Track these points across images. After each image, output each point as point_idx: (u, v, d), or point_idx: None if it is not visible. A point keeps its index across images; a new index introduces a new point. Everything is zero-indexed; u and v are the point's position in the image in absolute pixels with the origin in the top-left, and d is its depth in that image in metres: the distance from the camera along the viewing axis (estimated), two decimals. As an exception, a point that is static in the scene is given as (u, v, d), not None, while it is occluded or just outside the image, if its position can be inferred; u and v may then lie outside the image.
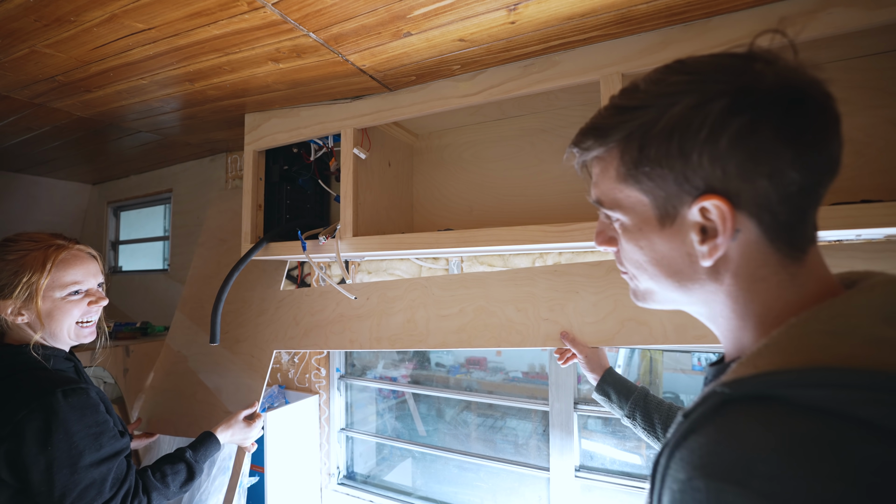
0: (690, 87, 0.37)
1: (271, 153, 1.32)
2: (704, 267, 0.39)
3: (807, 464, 0.28)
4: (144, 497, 0.90)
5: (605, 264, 1.01)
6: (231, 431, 1.16)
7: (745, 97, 0.35)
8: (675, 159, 0.37)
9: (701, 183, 0.37)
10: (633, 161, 0.40)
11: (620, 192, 0.42)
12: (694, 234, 0.38)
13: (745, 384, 0.34)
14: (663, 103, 0.38)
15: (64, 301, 0.91)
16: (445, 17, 0.80)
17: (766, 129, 0.34)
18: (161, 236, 2.25)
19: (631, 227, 0.43)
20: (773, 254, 0.38)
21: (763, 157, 0.35)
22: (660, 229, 0.41)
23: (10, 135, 1.56)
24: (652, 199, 0.40)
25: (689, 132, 0.36)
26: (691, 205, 0.37)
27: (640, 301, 0.48)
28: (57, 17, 0.83)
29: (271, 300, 1.45)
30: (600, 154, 0.43)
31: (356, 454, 1.73)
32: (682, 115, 0.36)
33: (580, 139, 0.44)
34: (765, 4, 0.73)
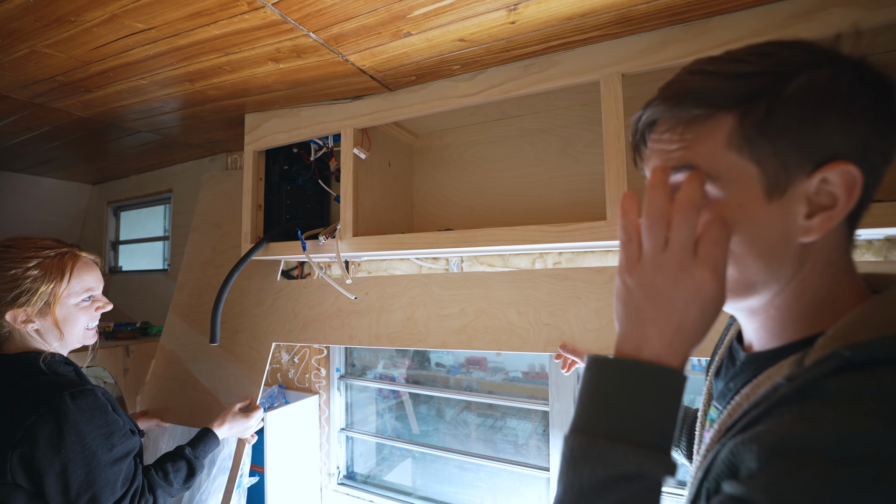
0: (816, 59, 0.36)
1: (271, 153, 1.32)
2: (796, 246, 0.38)
3: None
4: (150, 495, 0.91)
5: (607, 270, 1.01)
6: (229, 425, 1.17)
7: (866, 75, 0.36)
8: (806, 126, 0.35)
9: (828, 152, 0.35)
10: (758, 125, 0.37)
11: (727, 161, 0.38)
12: (800, 208, 0.37)
13: (867, 348, 0.32)
14: (786, 71, 0.36)
15: (77, 308, 0.94)
16: (445, 17, 0.80)
17: (886, 106, 0.36)
18: (161, 236, 2.25)
19: (728, 201, 0.38)
20: (845, 237, 0.39)
21: (880, 130, 0.36)
22: (766, 203, 0.37)
23: (10, 135, 1.56)
24: (764, 169, 0.37)
25: (824, 99, 0.35)
26: (812, 174, 0.36)
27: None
28: (57, 18, 0.83)
29: (268, 291, 1.45)
30: (703, 115, 0.39)
31: (356, 454, 1.73)
32: (814, 83, 0.35)
33: (677, 99, 0.40)
34: (765, 5, 0.73)
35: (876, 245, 0.91)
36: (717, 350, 0.58)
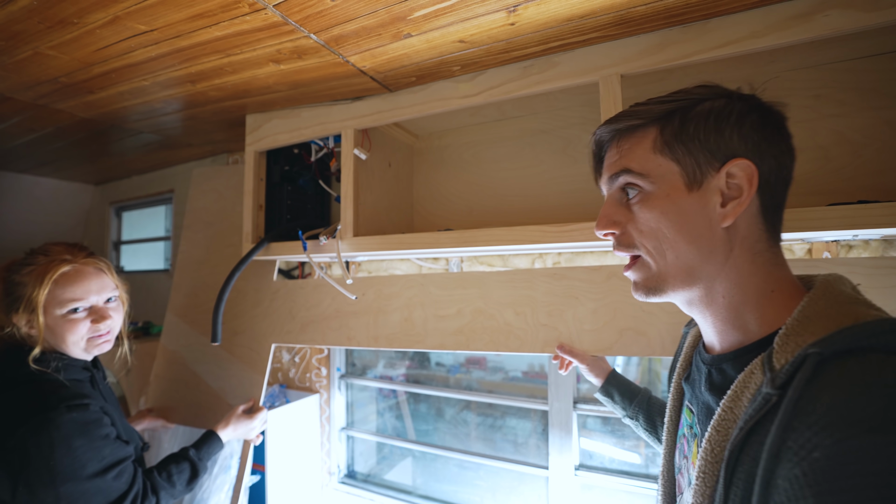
0: (715, 94, 0.49)
1: (272, 154, 1.33)
2: (720, 232, 0.46)
3: None
4: (153, 497, 0.91)
5: (605, 269, 1.01)
6: (232, 427, 1.17)
7: (756, 104, 0.48)
8: (710, 132, 0.47)
9: (729, 152, 0.46)
10: (674, 132, 0.48)
11: (653, 161, 0.49)
12: (716, 198, 0.46)
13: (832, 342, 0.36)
14: (696, 98, 0.49)
15: (64, 319, 0.90)
16: (445, 18, 0.80)
17: (773, 124, 0.47)
18: (163, 236, 2.26)
19: (657, 193, 0.48)
20: (766, 231, 0.47)
21: (774, 140, 0.47)
22: (687, 193, 0.47)
23: (13, 136, 1.57)
24: (683, 166, 0.47)
25: (722, 115, 0.47)
26: (719, 170, 0.46)
27: (650, 290, 0.50)
28: (60, 20, 0.84)
29: (265, 291, 1.45)
30: (637, 126, 0.50)
31: (357, 453, 1.74)
32: (715, 105, 0.47)
33: (617, 119, 0.52)
34: (763, 6, 0.74)
35: (873, 245, 0.92)
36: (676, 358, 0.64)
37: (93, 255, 0.98)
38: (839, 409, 0.32)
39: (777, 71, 0.92)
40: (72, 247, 0.96)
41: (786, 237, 0.77)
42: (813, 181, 0.87)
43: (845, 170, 0.85)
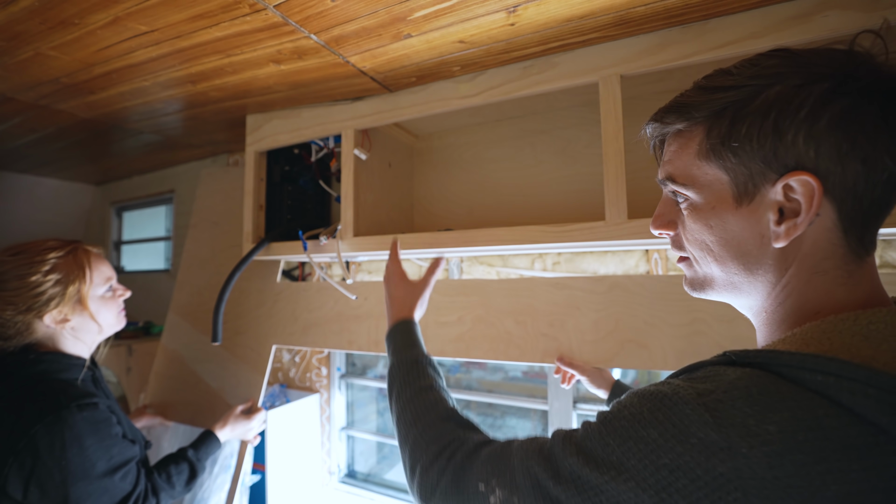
0: (792, 70, 0.38)
1: (272, 154, 1.33)
2: (774, 250, 0.40)
3: (759, 406, 0.31)
4: (154, 498, 0.92)
5: (608, 279, 1.00)
6: (230, 427, 1.18)
7: (850, 82, 0.36)
8: (768, 136, 0.37)
9: (791, 161, 0.37)
10: (722, 136, 0.40)
11: (698, 169, 0.42)
12: (771, 214, 0.39)
13: (749, 355, 0.36)
14: (761, 83, 0.38)
15: (103, 299, 0.97)
16: (445, 19, 0.81)
17: (867, 114, 0.35)
18: (163, 236, 2.26)
19: (703, 205, 0.42)
20: (842, 246, 0.38)
21: (862, 139, 0.35)
22: (735, 208, 0.41)
23: (14, 136, 1.58)
24: (732, 176, 0.40)
25: (788, 110, 0.36)
26: (775, 183, 0.38)
27: (696, 289, 0.47)
28: (61, 20, 0.84)
29: (269, 292, 1.45)
30: (682, 129, 0.43)
31: (357, 453, 1.74)
32: (782, 94, 0.37)
33: (661, 115, 0.45)
34: (762, 7, 0.74)
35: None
36: None
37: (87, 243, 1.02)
38: (686, 375, 0.38)
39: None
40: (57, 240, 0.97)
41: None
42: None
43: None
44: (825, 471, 0.28)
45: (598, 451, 0.36)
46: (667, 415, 0.34)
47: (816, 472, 0.28)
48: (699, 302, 0.89)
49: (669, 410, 0.34)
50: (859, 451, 0.28)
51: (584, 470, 0.36)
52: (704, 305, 0.90)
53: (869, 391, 0.29)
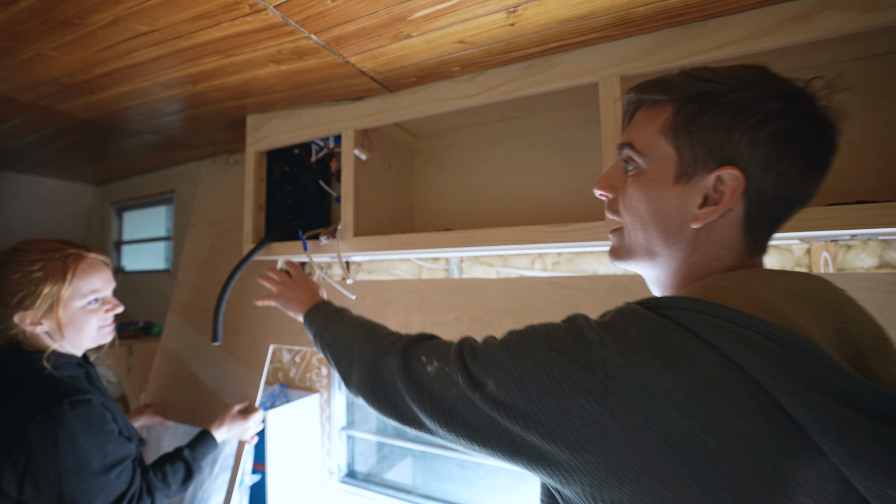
0: (761, 82, 0.44)
1: (273, 154, 1.33)
2: (690, 230, 0.46)
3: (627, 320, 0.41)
4: (149, 498, 0.92)
5: (608, 279, 1.00)
6: (227, 427, 1.17)
7: (796, 110, 0.43)
8: (721, 130, 0.43)
9: (729, 157, 0.43)
10: (685, 119, 0.45)
11: (656, 142, 0.47)
12: (697, 198, 0.45)
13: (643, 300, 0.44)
14: (733, 85, 0.44)
15: (83, 311, 0.93)
16: (445, 19, 0.81)
17: (798, 140, 0.42)
18: (164, 236, 2.27)
19: (647, 174, 0.48)
20: (740, 242, 0.46)
21: (785, 158, 0.42)
22: (672, 185, 0.47)
23: (15, 136, 1.58)
24: (680, 156, 0.46)
25: (745, 113, 0.42)
26: (711, 171, 0.44)
27: (619, 257, 0.54)
28: (62, 21, 0.84)
29: (267, 291, 1.45)
30: (657, 101, 0.48)
31: (357, 452, 1.74)
32: (745, 98, 0.43)
33: (645, 85, 0.50)
34: (762, 7, 0.74)
35: (871, 245, 0.92)
36: None
37: (92, 250, 1.00)
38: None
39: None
40: (64, 242, 0.96)
41: (784, 237, 0.78)
42: (812, 181, 0.87)
43: (843, 170, 0.85)
44: (664, 364, 0.37)
45: (511, 339, 0.47)
46: (569, 318, 0.45)
47: (658, 365, 0.37)
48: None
49: (571, 317, 0.45)
50: (687, 355, 0.37)
51: (496, 350, 0.46)
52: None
53: (706, 318, 0.38)
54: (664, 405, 0.36)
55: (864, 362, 0.40)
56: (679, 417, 0.35)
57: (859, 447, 0.32)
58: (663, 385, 0.36)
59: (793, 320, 0.38)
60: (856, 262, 0.93)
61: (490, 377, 0.45)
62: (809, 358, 0.35)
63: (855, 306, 0.43)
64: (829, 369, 0.34)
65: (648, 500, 0.35)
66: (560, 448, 0.39)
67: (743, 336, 0.36)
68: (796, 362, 0.35)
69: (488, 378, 0.45)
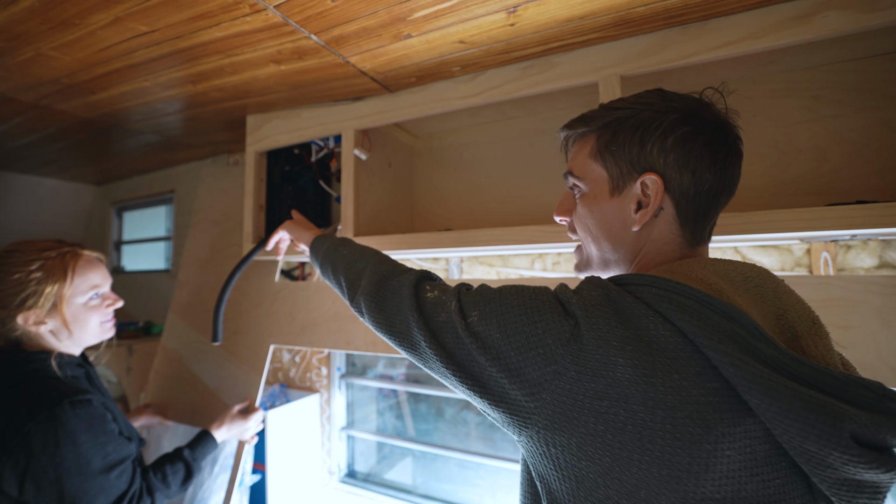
0: (660, 102, 0.53)
1: (273, 154, 1.33)
2: (632, 233, 0.54)
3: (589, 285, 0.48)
4: (149, 498, 0.92)
5: None
6: (227, 427, 1.17)
7: (692, 117, 0.52)
8: (635, 145, 0.52)
9: (647, 165, 0.52)
10: (606, 142, 0.55)
11: (588, 166, 0.57)
12: (632, 205, 0.53)
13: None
14: (638, 108, 0.54)
15: (86, 307, 0.94)
16: (445, 19, 0.81)
17: (699, 140, 0.51)
18: (164, 236, 2.27)
19: (589, 194, 0.57)
20: (679, 236, 0.53)
21: (693, 157, 0.51)
22: (609, 198, 0.55)
23: (15, 136, 1.58)
24: (610, 173, 0.55)
25: (650, 128, 0.52)
26: (636, 180, 0.52)
27: (581, 270, 0.62)
28: (62, 21, 0.84)
29: (267, 292, 1.46)
30: (583, 133, 0.58)
31: (357, 452, 1.74)
32: (648, 117, 0.52)
33: (571, 123, 0.60)
34: (762, 7, 0.74)
35: (871, 245, 0.92)
36: None
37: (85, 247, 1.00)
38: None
39: (776, 72, 0.92)
40: (58, 241, 0.96)
41: (784, 237, 0.78)
42: (811, 181, 0.88)
43: (843, 170, 0.85)
44: (617, 322, 0.43)
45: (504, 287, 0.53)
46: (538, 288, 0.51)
47: (612, 322, 0.43)
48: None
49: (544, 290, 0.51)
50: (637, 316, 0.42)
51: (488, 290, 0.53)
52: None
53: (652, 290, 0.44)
54: (615, 354, 0.41)
55: (798, 343, 0.45)
56: (626, 367, 0.40)
57: (782, 404, 0.36)
58: (615, 337, 0.42)
59: (732, 299, 0.44)
60: (856, 262, 0.93)
61: (476, 309, 0.51)
62: (743, 327, 0.40)
63: (792, 294, 0.49)
64: (760, 339, 0.39)
65: (593, 443, 0.40)
66: (521, 386, 0.45)
67: (684, 304, 0.42)
68: (730, 329, 0.39)
69: (474, 310, 0.51)
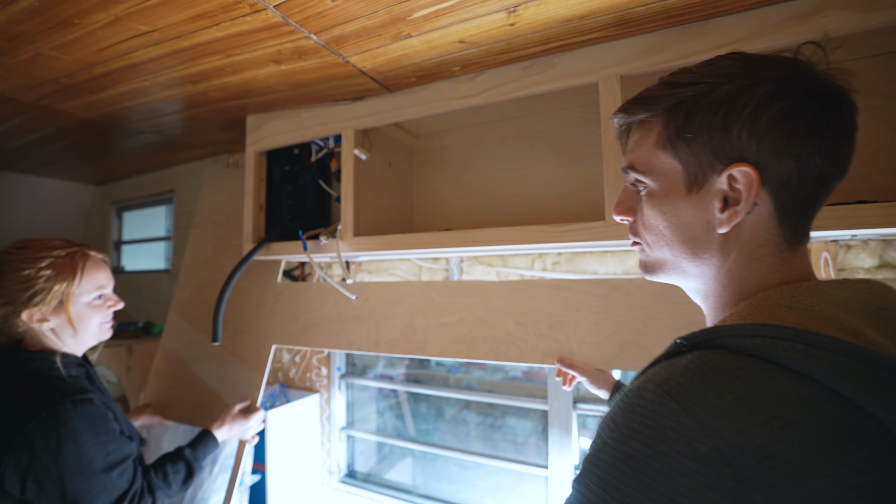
0: (742, 71, 0.41)
1: (273, 154, 1.33)
2: (718, 236, 0.43)
3: (713, 381, 0.33)
4: (150, 497, 0.92)
5: (608, 283, 1.00)
6: (228, 426, 1.18)
7: (789, 87, 0.40)
8: (717, 130, 0.41)
9: (735, 154, 0.41)
10: (677, 128, 0.44)
11: (656, 158, 0.46)
12: (716, 202, 0.42)
13: (695, 337, 0.39)
14: (714, 82, 0.42)
15: (90, 306, 0.95)
16: (445, 19, 0.81)
17: (803, 116, 0.39)
18: (163, 236, 2.27)
19: (658, 192, 0.46)
20: (777, 235, 0.42)
21: (795, 139, 0.39)
22: (686, 195, 0.44)
23: (14, 136, 1.58)
24: (685, 165, 0.44)
25: (735, 107, 0.40)
26: (721, 173, 0.42)
27: (648, 272, 0.51)
28: (62, 20, 0.84)
29: (269, 292, 1.46)
30: (645, 119, 0.47)
31: (357, 453, 1.74)
32: (731, 92, 0.41)
33: (627, 106, 0.49)
34: (762, 7, 0.74)
35: (871, 245, 0.92)
36: None
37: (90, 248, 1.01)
38: (646, 375, 0.38)
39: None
40: (66, 241, 0.97)
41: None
42: (812, 181, 0.87)
43: (844, 170, 0.85)
44: (785, 425, 0.31)
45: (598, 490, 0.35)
46: (640, 421, 0.34)
47: (777, 427, 0.30)
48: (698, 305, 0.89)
49: (641, 416, 0.34)
50: (802, 402, 0.31)
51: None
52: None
53: (798, 347, 0.33)
54: (800, 470, 0.29)
55: None
56: (819, 478, 0.29)
57: None
58: (791, 446, 0.30)
59: (871, 338, 0.35)
60: (856, 262, 0.93)
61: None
62: None
63: None
64: None
65: None
66: None
67: (845, 365, 0.32)
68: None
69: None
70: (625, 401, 0.37)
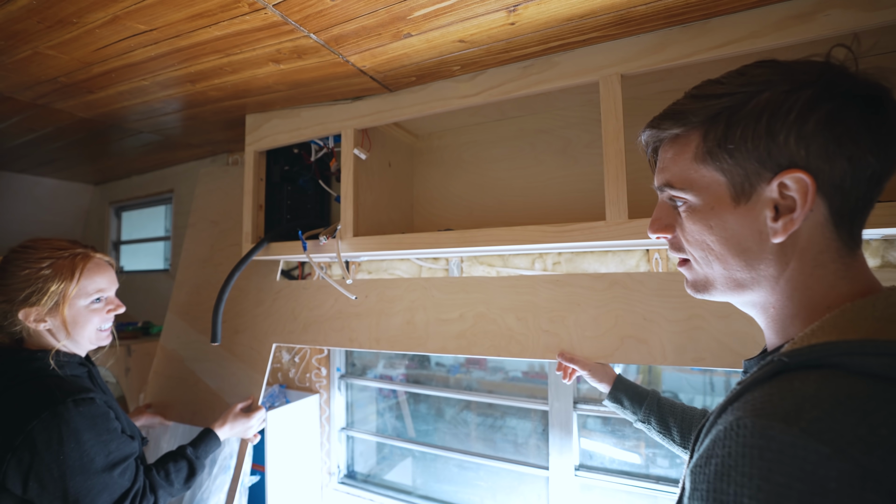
0: (779, 78, 0.41)
1: (272, 154, 1.33)
2: (773, 245, 0.42)
3: (858, 412, 0.29)
4: (152, 496, 0.92)
5: (607, 277, 1.01)
6: (230, 425, 1.17)
7: (832, 88, 0.39)
8: (761, 138, 0.40)
9: (784, 161, 0.40)
10: (718, 139, 0.42)
11: (696, 172, 0.44)
12: (768, 211, 0.41)
13: (802, 353, 0.36)
14: (751, 90, 0.41)
15: (87, 309, 0.94)
16: (445, 18, 0.80)
17: (850, 117, 0.39)
18: (162, 236, 2.26)
19: (702, 206, 0.45)
20: (835, 240, 0.41)
21: (846, 139, 0.39)
22: (733, 207, 0.43)
23: (13, 136, 1.57)
24: (729, 177, 0.43)
25: (779, 113, 0.39)
26: (770, 181, 0.40)
27: (699, 291, 0.49)
28: (60, 19, 0.84)
29: (268, 291, 1.45)
30: (678, 134, 0.46)
31: (356, 453, 1.74)
32: (772, 99, 0.40)
33: (657, 122, 0.47)
34: (763, 6, 0.74)
35: (873, 245, 0.92)
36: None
37: (98, 250, 1.00)
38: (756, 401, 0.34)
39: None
40: (72, 242, 0.97)
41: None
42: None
43: (845, 170, 0.85)
44: None
45: None
46: (784, 472, 0.29)
47: None
48: (697, 298, 0.89)
49: (781, 465, 0.29)
50: None
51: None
52: (702, 302, 0.90)
53: None
54: None
55: None
56: None
57: None
58: None
59: None
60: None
61: None
62: None
63: None
64: None
65: None
66: None
67: None
68: None
69: None
70: (741, 441, 0.32)
